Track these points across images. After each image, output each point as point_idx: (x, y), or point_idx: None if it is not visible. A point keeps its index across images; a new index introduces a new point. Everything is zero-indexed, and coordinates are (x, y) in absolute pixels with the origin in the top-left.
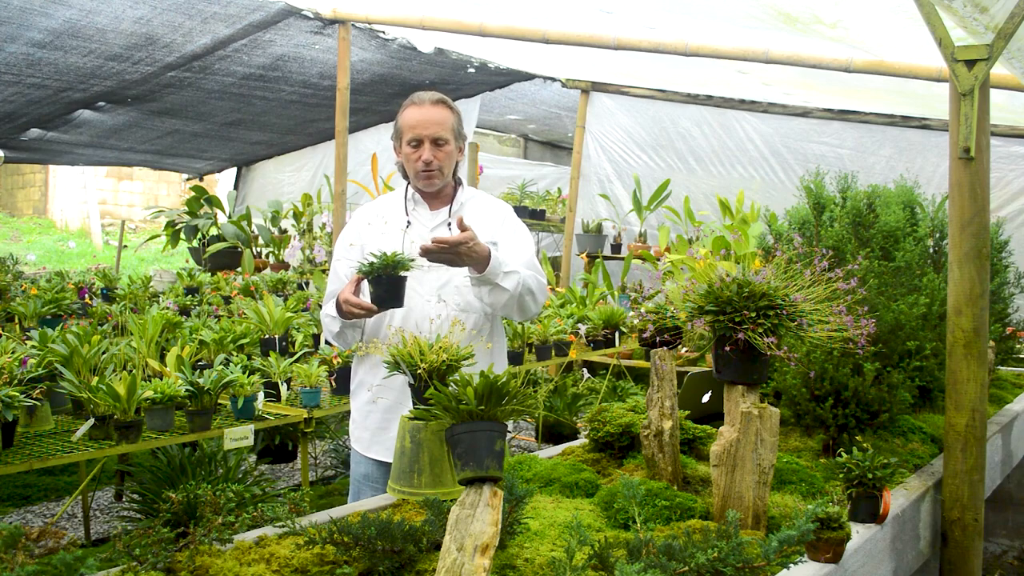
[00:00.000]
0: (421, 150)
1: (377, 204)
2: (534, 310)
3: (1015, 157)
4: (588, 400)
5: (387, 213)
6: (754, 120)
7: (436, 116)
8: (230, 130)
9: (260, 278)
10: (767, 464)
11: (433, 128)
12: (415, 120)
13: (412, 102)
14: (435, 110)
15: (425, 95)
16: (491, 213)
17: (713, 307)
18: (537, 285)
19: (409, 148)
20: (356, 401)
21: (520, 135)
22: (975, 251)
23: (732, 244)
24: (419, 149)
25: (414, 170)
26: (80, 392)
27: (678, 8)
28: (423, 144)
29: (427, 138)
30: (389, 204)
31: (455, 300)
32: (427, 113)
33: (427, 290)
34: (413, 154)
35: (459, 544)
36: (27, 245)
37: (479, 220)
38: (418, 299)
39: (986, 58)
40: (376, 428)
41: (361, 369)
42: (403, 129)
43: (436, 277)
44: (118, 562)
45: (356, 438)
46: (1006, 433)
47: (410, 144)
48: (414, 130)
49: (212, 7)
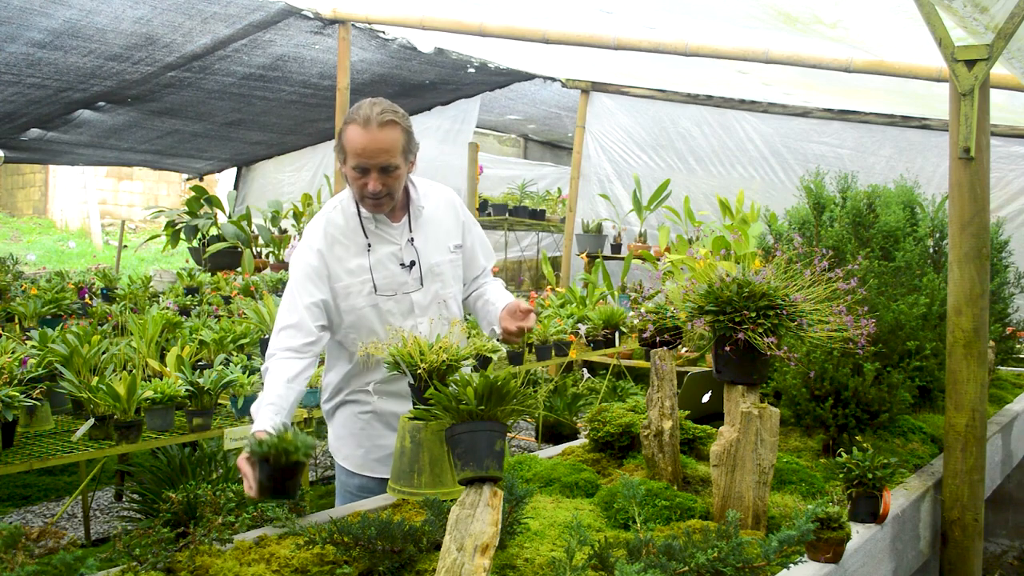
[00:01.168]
0: (367, 179)
1: (332, 225)
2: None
3: (1015, 157)
4: (588, 400)
5: (347, 235)
6: (754, 120)
7: (384, 142)
8: (230, 130)
9: (260, 278)
10: (767, 464)
11: (381, 157)
12: (360, 146)
13: (355, 120)
14: (382, 134)
15: (372, 112)
16: (449, 212)
17: (713, 307)
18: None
19: (355, 172)
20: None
21: (520, 135)
22: (975, 251)
23: (732, 244)
24: (365, 176)
25: (360, 194)
26: (80, 392)
27: (678, 8)
28: (369, 173)
29: (374, 167)
30: (345, 223)
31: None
32: (374, 139)
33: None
34: (359, 180)
35: (459, 544)
36: (27, 245)
37: (441, 224)
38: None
39: (986, 58)
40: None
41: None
42: (347, 151)
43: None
44: (118, 562)
45: (344, 456)
46: (1006, 433)
47: (355, 169)
48: (359, 157)
49: (212, 7)
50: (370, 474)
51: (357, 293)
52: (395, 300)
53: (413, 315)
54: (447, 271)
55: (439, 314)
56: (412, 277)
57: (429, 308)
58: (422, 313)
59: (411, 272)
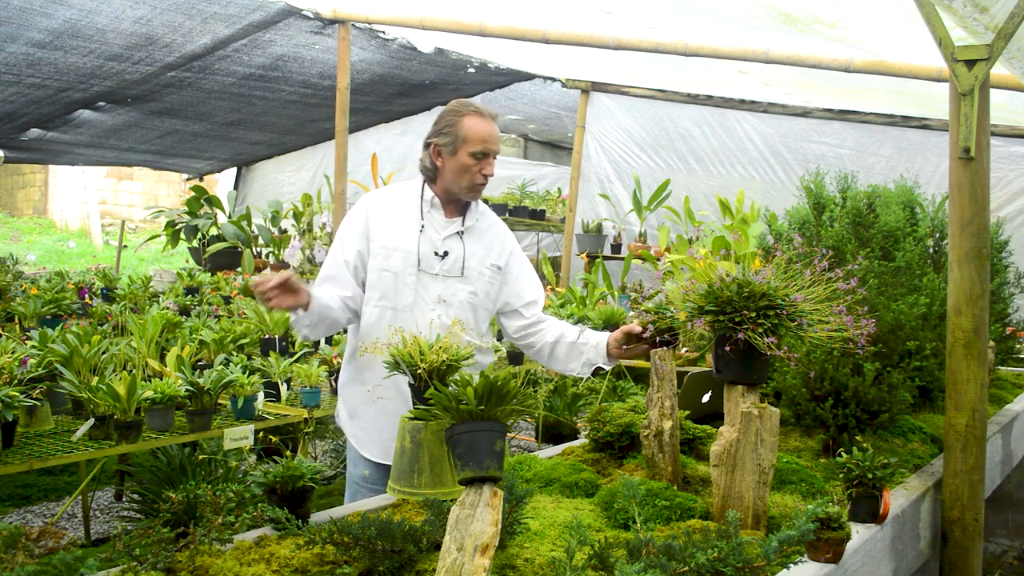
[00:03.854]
0: (484, 163)
1: (387, 196)
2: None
3: (1015, 157)
4: (588, 400)
5: (399, 209)
6: (754, 120)
7: (497, 132)
8: (230, 130)
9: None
10: (767, 464)
11: (497, 144)
12: (485, 133)
13: (474, 111)
14: (495, 126)
15: (484, 107)
16: (502, 237)
17: (713, 307)
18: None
19: (471, 159)
20: (352, 397)
21: (520, 135)
22: (975, 251)
23: (732, 244)
24: (482, 162)
25: (471, 181)
26: (80, 392)
27: (678, 8)
28: (488, 157)
29: (493, 153)
30: (400, 199)
31: (455, 312)
32: (493, 128)
33: (432, 297)
34: (475, 165)
35: (459, 544)
36: (27, 245)
37: (493, 241)
38: (423, 306)
39: (986, 58)
40: (376, 430)
41: (356, 364)
42: (469, 138)
43: (445, 286)
44: (118, 562)
45: (353, 435)
46: (1006, 433)
47: (474, 155)
48: (485, 143)
49: (212, 7)
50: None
51: (401, 260)
52: (431, 278)
53: (442, 304)
54: (480, 283)
55: (462, 314)
56: (442, 268)
57: (453, 304)
58: (446, 305)
59: (442, 262)
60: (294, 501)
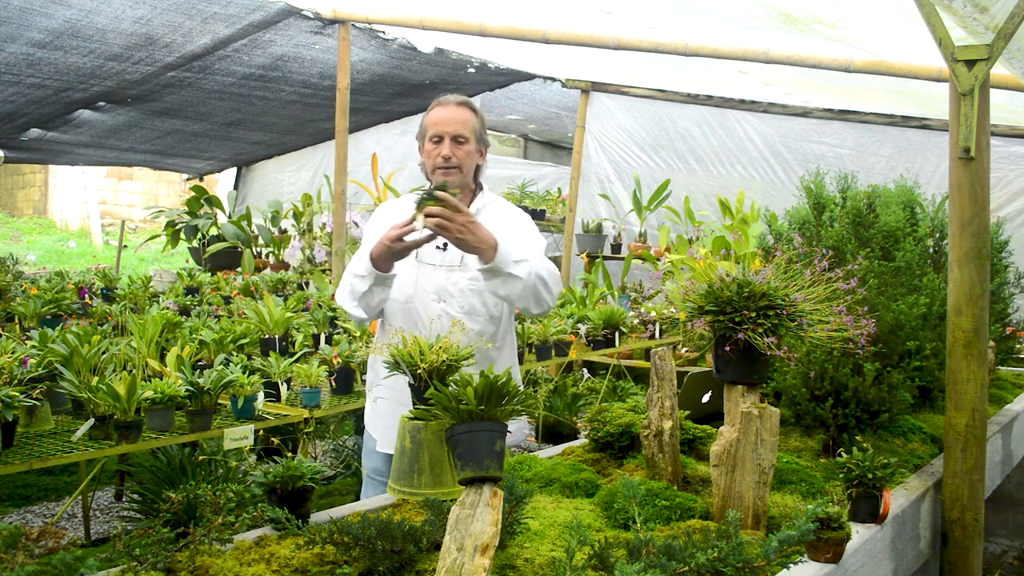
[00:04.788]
0: (441, 146)
1: (400, 202)
2: (550, 301)
3: (1015, 157)
4: (588, 400)
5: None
6: (754, 120)
7: (458, 115)
8: (230, 130)
9: (260, 278)
10: (767, 464)
11: (454, 126)
12: (438, 117)
13: (438, 102)
14: (458, 110)
15: (451, 96)
16: (505, 218)
17: (713, 307)
18: (550, 275)
19: (430, 144)
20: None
21: (520, 135)
22: (975, 251)
23: (732, 244)
24: (439, 145)
25: (432, 165)
26: (80, 392)
27: (678, 8)
28: (443, 140)
29: (447, 135)
30: (410, 200)
31: (458, 303)
32: (450, 112)
33: (433, 289)
34: (434, 150)
35: (459, 544)
36: (27, 245)
37: (497, 226)
38: (424, 297)
39: (986, 58)
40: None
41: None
42: (426, 126)
43: (445, 277)
44: (118, 562)
45: (372, 425)
46: (1006, 433)
47: (431, 140)
48: (436, 127)
49: (212, 7)
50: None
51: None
52: (432, 269)
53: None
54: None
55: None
56: (443, 258)
57: (455, 294)
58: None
59: (444, 253)
60: (294, 501)
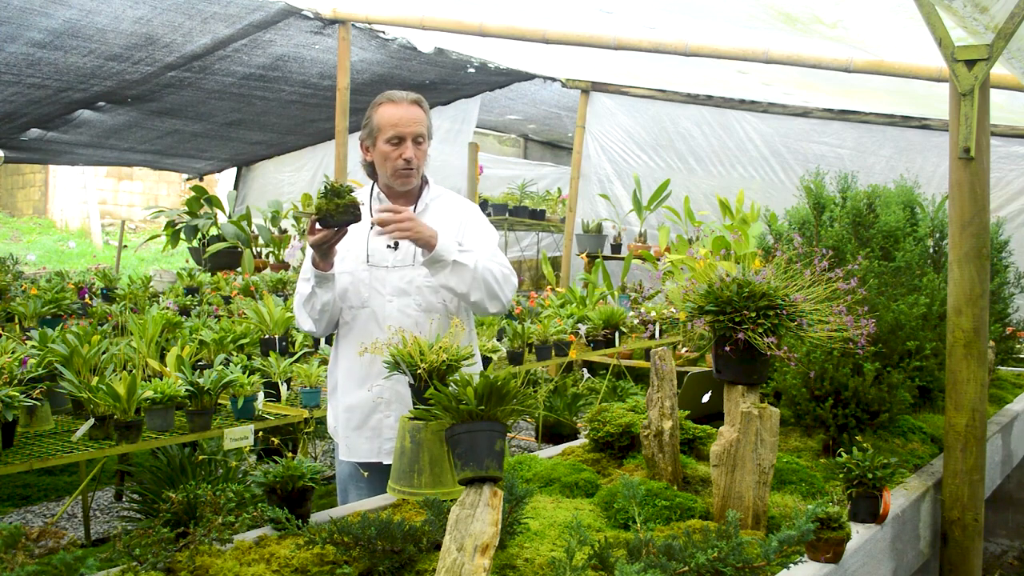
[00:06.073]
0: (402, 148)
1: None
2: (504, 299)
3: (1015, 157)
4: (588, 400)
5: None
6: (754, 120)
7: (416, 115)
8: (230, 130)
9: (260, 278)
10: (767, 464)
11: (414, 126)
12: (396, 118)
13: (389, 99)
14: (413, 109)
15: (401, 94)
16: (454, 212)
17: (713, 307)
18: (500, 272)
19: (388, 146)
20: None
21: (520, 135)
22: (975, 251)
23: (732, 244)
24: (400, 147)
25: (393, 168)
26: (80, 392)
27: (678, 8)
28: (404, 142)
29: (408, 135)
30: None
31: (415, 300)
32: (407, 111)
33: (389, 290)
34: (393, 152)
35: (459, 544)
36: (27, 245)
37: (441, 220)
38: (380, 299)
39: (986, 58)
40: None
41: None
42: (381, 126)
43: (399, 276)
44: (118, 562)
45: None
46: (1006, 433)
47: (390, 142)
48: (396, 128)
49: (212, 7)
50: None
51: (352, 260)
52: (385, 271)
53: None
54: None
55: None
56: (396, 258)
57: (412, 292)
58: (404, 294)
59: (396, 252)
60: (294, 501)
